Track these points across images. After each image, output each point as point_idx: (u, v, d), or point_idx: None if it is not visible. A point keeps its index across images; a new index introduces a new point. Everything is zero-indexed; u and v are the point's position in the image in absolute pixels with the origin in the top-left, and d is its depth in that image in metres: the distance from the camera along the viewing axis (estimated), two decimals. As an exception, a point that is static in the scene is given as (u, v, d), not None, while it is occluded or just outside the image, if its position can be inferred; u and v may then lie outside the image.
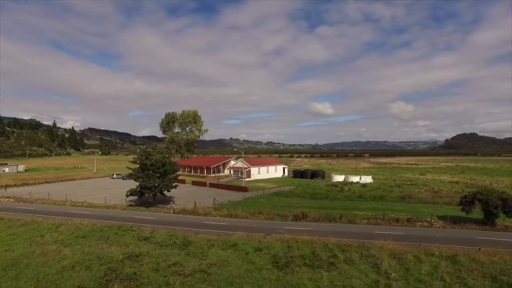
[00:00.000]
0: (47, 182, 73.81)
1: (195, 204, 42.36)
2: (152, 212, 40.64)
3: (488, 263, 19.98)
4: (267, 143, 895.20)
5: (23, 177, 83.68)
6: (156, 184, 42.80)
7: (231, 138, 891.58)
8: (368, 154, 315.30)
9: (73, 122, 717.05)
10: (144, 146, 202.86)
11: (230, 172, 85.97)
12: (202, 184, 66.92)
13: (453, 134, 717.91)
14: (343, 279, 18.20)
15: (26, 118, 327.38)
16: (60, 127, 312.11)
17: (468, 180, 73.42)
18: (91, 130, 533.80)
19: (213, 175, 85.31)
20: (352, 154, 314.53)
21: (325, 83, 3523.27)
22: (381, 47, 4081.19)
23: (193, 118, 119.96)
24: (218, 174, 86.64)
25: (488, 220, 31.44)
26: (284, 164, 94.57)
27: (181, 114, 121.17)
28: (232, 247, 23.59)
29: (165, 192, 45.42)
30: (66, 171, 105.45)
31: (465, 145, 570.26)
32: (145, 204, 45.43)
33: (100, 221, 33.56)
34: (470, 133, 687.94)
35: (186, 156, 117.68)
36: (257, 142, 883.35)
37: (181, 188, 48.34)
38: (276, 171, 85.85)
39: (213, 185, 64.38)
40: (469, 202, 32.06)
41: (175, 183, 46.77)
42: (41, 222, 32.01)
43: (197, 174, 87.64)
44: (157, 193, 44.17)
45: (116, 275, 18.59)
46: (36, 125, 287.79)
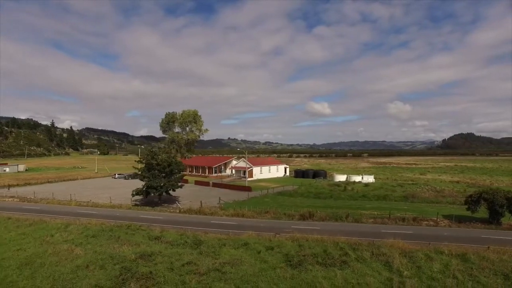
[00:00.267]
0: (49, 182, 73.59)
1: (201, 203, 42.48)
2: (158, 211, 40.73)
3: (498, 261, 20.22)
4: (265, 143, 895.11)
5: (24, 176, 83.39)
6: (162, 184, 42.87)
7: (229, 138, 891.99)
8: (366, 154, 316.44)
9: (70, 122, 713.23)
10: (143, 146, 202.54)
11: (232, 172, 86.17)
12: (205, 184, 67.00)
13: (451, 134, 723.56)
14: (357, 277, 18.44)
15: (23, 117, 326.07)
16: (58, 127, 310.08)
17: (469, 180, 73.86)
18: (88, 129, 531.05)
19: (215, 174, 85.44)
20: (351, 154, 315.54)
21: (323, 83, 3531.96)
22: (379, 47, 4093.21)
23: (193, 118, 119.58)
24: (220, 174, 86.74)
25: (494, 219, 31.82)
26: (285, 164, 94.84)
27: (181, 114, 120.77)
28: (244, 246, 23.73)
29: (170, 191, 45.49)
30: (66, 171, 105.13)
31: (462, 145, 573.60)
32: (150, 203, 45.48)
33: (107, 220, 33.63)
34: (467, 133, 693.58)
35: (187, 156, 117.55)
36: (255, 142, 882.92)
37: (184, 188, 48.48)
38: (277, 170, 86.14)
39: (216, 185, 64.46)
40: (474, 201, 32.45)
41: (180, 182, 46.84)
42: (49, 222, 32.04)
43: (199, 174, 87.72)
44: (163, 193, 44.24)
45: (132, 274, 18.70)
46: (34, 124, 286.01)
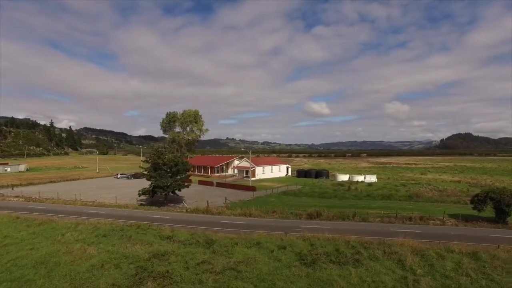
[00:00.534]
0: (51, 181, 73.42)
1: (207, 203, 42.61)
2: (165, 211, 40.82)
3: (509, 260, 20.53)
4: (263, 143, 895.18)
5: (26, 176, 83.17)
6: (168, 184, 42.95)
7: (227, 138, 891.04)
8: (365, 154, 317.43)
9: (68, 122, 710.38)
10: (142, 146, 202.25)
11: (234, 172, 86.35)
12: (209, 184, 67.10)
13: (448, 134, 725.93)
14: (371, 275, 18.66)
15: (20, 117, 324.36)
16: (56, 127, 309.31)
17: (470, 180, 74.44)
18: (86, 129, 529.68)
19: (217, 174, 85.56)
20: (350, 154, 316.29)
21: (322, 83, 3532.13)
22: (377, 47, 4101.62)
23: (194, 118, 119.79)
24: (222, 174, 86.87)
25: (500, 218, 32.17)
26: (287, 164, 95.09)
27: (182, 114, 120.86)
28: (256, 245, 23.88)
29: (176, 191, 45.57)
30: (68, 170, 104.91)
31: (460, 145, 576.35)
32: (156, 203, 45.55)
33: (116, 220, 33.64)
34: (465, 133, 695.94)
35: (188, 156, 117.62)
36: (253, 142, 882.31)
37: (188, 188, 48.58)
38: (280, 170, 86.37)
39: (220, 185, 64.56)
40: (481, 200, 32.79)
41: (186, 182, 46.94)
42: (58, 221, 32.04)
43: (201, 174, 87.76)
44: (169, 193, 44.32)
45: (148, 273, 18.81)
46: (32, 124, 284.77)
